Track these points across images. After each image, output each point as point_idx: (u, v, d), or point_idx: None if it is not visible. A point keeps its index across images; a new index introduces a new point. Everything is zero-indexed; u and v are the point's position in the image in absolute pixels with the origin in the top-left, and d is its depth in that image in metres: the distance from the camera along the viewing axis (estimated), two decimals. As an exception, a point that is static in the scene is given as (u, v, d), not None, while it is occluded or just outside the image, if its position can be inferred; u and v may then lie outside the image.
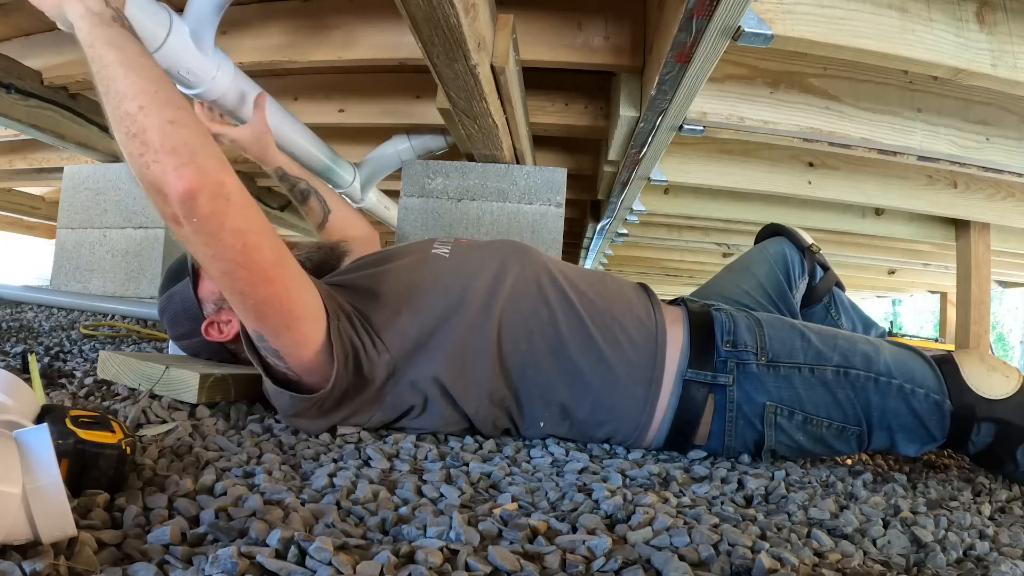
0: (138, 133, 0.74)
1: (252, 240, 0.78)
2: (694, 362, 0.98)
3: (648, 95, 1.36)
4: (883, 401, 0.95)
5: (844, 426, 0.96)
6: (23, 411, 0.61)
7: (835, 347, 0.99)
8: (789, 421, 0.96)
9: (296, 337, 0.86)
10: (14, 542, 0.47)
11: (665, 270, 5.11)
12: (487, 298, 0.98)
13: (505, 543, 0.59)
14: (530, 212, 2.02)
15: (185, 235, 0.77)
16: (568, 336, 0.98)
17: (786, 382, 0.96)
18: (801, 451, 1.00)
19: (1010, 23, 1.22)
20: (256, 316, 0.84)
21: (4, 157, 2.87)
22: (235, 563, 0.47)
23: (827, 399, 0.96)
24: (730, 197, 2.64)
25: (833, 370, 0.96)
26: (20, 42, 1.88)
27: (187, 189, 0.73)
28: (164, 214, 0.77)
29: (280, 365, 0.90)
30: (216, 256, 0.78)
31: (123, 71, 0.76)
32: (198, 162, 0.74)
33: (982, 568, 0.65)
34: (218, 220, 0.75)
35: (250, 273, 0.79)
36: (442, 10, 0.97)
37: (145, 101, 0.74)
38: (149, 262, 2.47)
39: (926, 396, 0.95)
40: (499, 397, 0.98)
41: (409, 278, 1.01)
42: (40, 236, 5.12)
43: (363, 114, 1.99)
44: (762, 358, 0.97)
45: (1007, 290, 5.46)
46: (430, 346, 0.95)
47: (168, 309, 1.12)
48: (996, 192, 2.34)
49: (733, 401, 0.97)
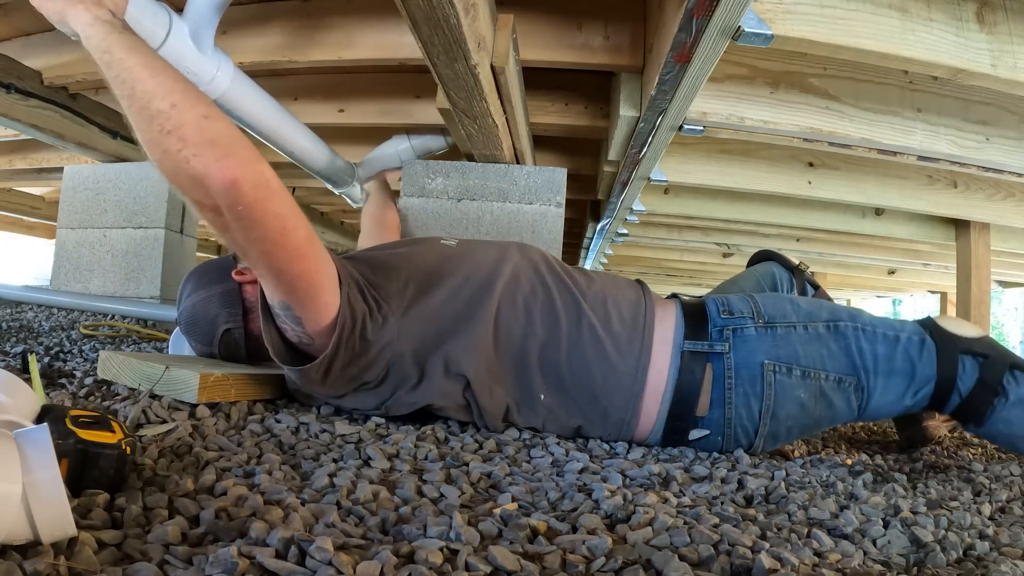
0: (173, 129, 0.76)
1: (291, 223, 0.84)
2: (690, 333, 1.03)
3: (648, 95, 1.36)
4: (872, 347, 1.02)
5: (840, 377, 1.01)
6: (23, 411, 0.61)
7: (822, 307, 1.08)
8: (788, 377, 1.00)
9: (319, 305, 0.93)
10: (14, 542, 0.47)
11: (665, 270, 5.11)
12: (488, 276, 1.06)
13: (505, 543, 0.59)
14: (530, 212, 2.02)
15: (224, 223, 0.81)
16: (563, 311, 1.05)
17: (783, 340, 1.02)
18: (803, 411, 1.01)
19: (1010, 23, 1.22)
20: (288, 289, 0.90)
21: (4, 157, 2.86)
22: (235, 563, 0.47)
23: (822, 351, 1.02)
24: (730, 197, 2.63)
25: (824, 324, 1.03)
26: (20, 42, 1.88)
27: (232, 179, 0.77)
28: (202, 206, 0.80)
29: (298, 331, 0.96)
30: (258, 239, 0.83)
31: (148, 72, 0.79)
32: (239, 153, 0.78)
33: (982, 568, 0.65)
34: (262, 207, 0.80)
35: (288, 252, 0.86)
36: (442, 10, 0.97)
37: (177, 99, 0.78)
38: (149, 262, 2.46)
39: (909, 339, 1.03)
40: (496, 369, 1.03)
41: (418, 258, 1.11)
42: (40, 236, 5.12)
43: (363, 114, 1.99)
44: (759, 320, 1.04)
45: (1007, 290, 5.45)
46: (432, 316, 1.02)
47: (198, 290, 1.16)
48: (996, 192, 2.33)
49: (731, 367, 1.01)
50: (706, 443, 1.06)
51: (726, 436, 1.04)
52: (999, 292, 7.15)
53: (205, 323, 1.15)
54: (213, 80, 1.31)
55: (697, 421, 1.03)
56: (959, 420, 1.08)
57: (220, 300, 1.14)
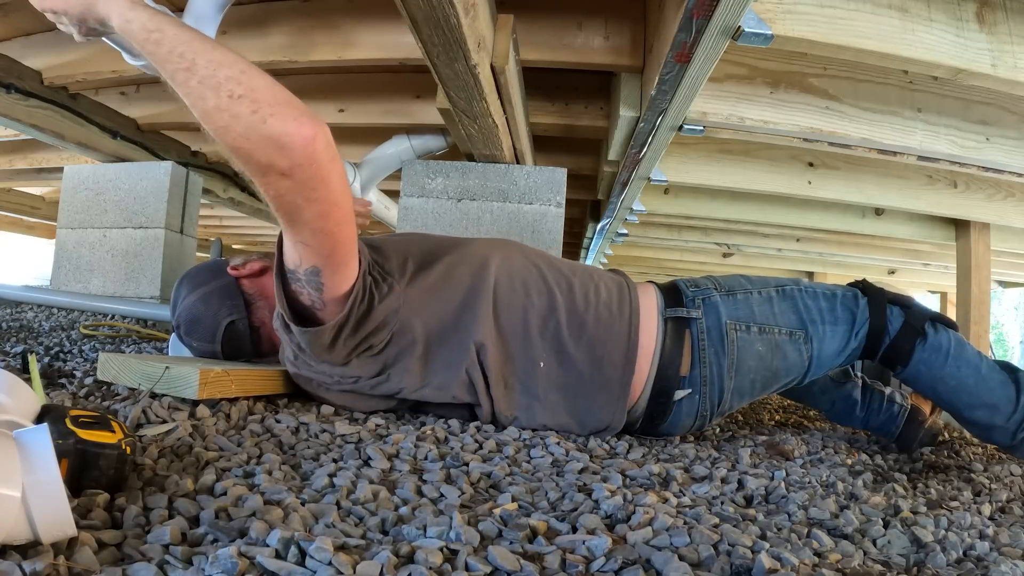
0: (246, 93, 0.79)
1: (346, 184, 0.88)
2: (669, 302, 1.18)
3: (648, 95, 1.36)
4: (816, 303, 1.18)
5: (791, 330, 1.16)
6: (23, 411, 0.61)
7: (769, 278, 1.25)
8: (747, 334, 1.15)
9: (347, 271, 0.97)
10: (14, 542, 0.47)
11: (665, 270, 5.11)
12: (483, 257, 1.12)
13: (505, 543, 0.59)
14: (530, 212, 2.02)
15: (288, 186, 0.83)
16: (555, 285, 1.13)
17: (743, 303, 1.17)
18: (762, 362, 1.14)
19: (1010, 23, 1.22)
20: (329, 252, 0.93)
21: (4, 157, 2.87)
22: (235, 563, 0.47)
23: (774, 310, 1.17)
24: (730, 197, 2.63)
25: (775, 288, 1.20)
26: (20, 42, 1.88)
27: (312, 135, 0.79)
28: (270, 169, 0.81)
29: (315, 296, 0.98)
30: (320, 199, 0.85)
31: (208, 44, 0.81)
32: (311, 113, 0.82)
33: (982, 568, 0.65)
34: (331, 166, 0.83)
35: (343, 213, 0.89)
36: (442, 10, 0.97)
37: (244, 66, 0.81)
38: (149, 262, 2.47)
39: (844, 294, 1.20)
40: (496, 338, 1.08)
41: (414, 243, 1.17)
42: (40, 236, 5.12)
43: (363, 114, 1.99)
44: (721, 290, 1.19)
45: (1007, 290, 5.45)
46: (434, 288, 1.07)
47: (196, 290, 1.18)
48: (996, 192, 2.33)
49: (703, 330, 1.14)
50: (689, 403, 1.14)
51: (702, 394, 1.14)
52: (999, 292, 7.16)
53: (207, 319, 1.15)
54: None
55: (681, 381, 1.13)
56: (887, 366, 1.21)
57: (220, 294, 1.15)
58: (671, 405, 1.13)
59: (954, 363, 1.15)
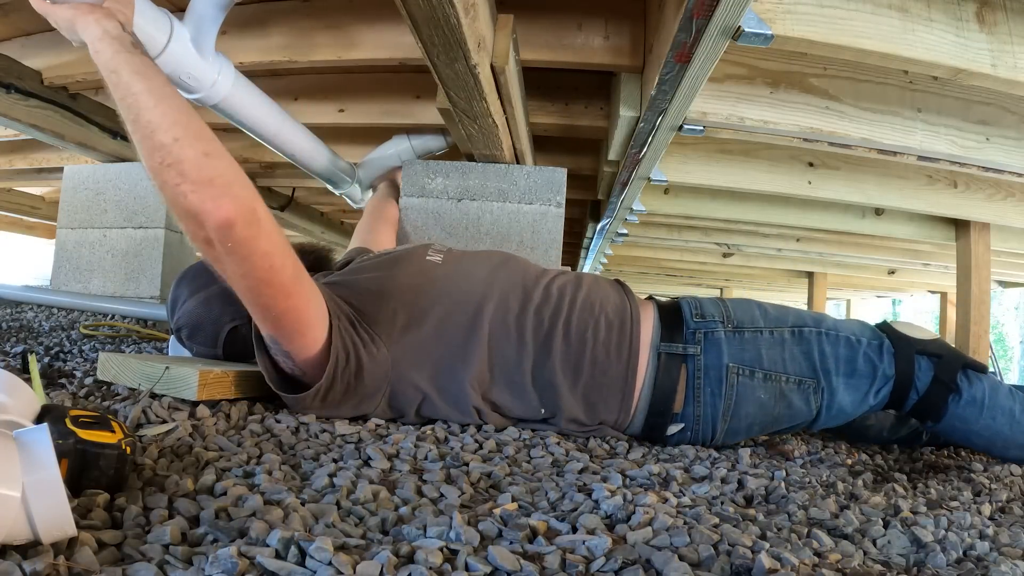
0: (173, 164, 0.78)
1: (278, 261, 0.86)
2: (666, 335, 1.09)
3: (648, 95, 1.36)
4: (834, 350, 1.08)
5: (801, 379, 1.07)
6: (23, 411, 0.61)
7: (788, 313, 1.14)
8: (750, 379, 1.07)
9: (306, 340, 0.95)
10: (14, 542, 0.47)
11: (665, 270, 5.11)
12: (477, 303, 1.07)
13: (505, 543, 0.59)
14: (530, 212, 2.02)
15: (216, 256, 0.84)
16: (553, 326, 1.07)
17: (750, 344, 1.08)
18: (762, 410, 1.06)
19: (1010, 23, 1.22)
20: (274, 325, 0.93)
21: (4, 157, 2.86)
22: (235, 563, 0.47)
23: (784, 355, 1.08)
24: (730, 197, 2.63)
25: (790, 330, 1.10)
26: (20, 42, 1.88)
27: (225, 218, 0.79)
28: (196, 236, 0.82)
29: (288, 363, 0.99)
30: (245, 275, 0.85)
31: (153, 101, 0.79)
32: (234, 192, 0.80)
33: (982, 568, 0.65)
34: (251, 245, 0.82)
35: (274, 289, 0.88)
36: (442, 10, 0.96)
37: (179, 133, 0.79)
38: (149, 262, 2.46)
39: (869, 343, 1.10)
40: (491, 388, 1.05)
41: (403, 280, 1.11)
42: (40, 236, 5.12)
43: (363, 114, 1.99)
44: (728, 325, 1.10)
45: (1007, 290, 5.45)
46: (425, 347, 1.04)
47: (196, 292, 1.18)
48: (996, 192, 2.33)
49: (701, 368, 1.07)
50: (680, 436, 1.11)
51: (694, 431, 1.10)
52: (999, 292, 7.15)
53: (209, 324, 1.15)
54: (214, 85, 1.31)
55: (675, 417, 1.09)
56: (918, 418, 1.14)
57: (221, 299, 1.13)
58: (664, 438, 1.11)
59: (989, 414, 1.08)
